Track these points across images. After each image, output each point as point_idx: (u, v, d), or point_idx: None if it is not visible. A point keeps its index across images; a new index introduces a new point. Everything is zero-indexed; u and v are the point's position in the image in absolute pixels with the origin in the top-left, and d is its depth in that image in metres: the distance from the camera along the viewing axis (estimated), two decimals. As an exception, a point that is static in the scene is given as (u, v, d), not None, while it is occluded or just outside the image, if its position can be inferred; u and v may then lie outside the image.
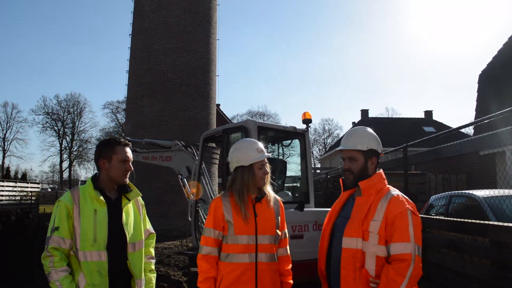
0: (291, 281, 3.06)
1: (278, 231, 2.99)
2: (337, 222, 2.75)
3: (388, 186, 2.68)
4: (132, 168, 2.91)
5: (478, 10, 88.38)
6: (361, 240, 2.50)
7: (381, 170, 2.75)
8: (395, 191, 2.62)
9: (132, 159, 2.93)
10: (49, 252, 2.59)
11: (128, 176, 2.89)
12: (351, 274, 2.50)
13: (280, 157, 7.15)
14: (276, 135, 6.69)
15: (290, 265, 3.10)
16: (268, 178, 2.98)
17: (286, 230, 3.12)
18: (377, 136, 2.80)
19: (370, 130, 2.83)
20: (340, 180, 2.88)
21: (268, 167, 2.98)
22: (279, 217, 3.03)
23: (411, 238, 2.41)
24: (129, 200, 2.90)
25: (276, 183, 6.34)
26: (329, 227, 2.80)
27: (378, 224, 2.48)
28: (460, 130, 5.54)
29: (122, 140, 2.91)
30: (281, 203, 3.10)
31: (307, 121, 6.10)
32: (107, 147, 2.87)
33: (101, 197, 2.75)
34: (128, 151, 2.91)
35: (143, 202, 3.08)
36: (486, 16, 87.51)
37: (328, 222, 2.82)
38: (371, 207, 2.55)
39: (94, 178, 2.87)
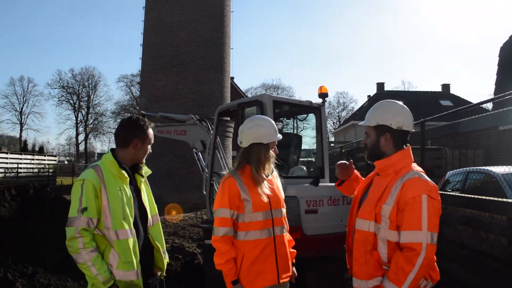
0: (294, 250, 3.14)
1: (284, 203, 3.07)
2: (362, 199, 2.66)
3: (412, 165, 2.50)
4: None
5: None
6: (374, 223, 2.41)
7: (408, 147, 2.57)
8: (415, 172, 2.43)
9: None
10: (79, 233, 2.54)
11: None
12: (362, 256, 2.45)
13: (296, 131, 7.10)
14: (292, 109, 6.63)
15: (289, 235, 3.15)
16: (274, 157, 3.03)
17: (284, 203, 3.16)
18: (401, 110, 2.58)
19: (392, 103, 2.63)
20: (365, 157, 2.77)
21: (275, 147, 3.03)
22: (282, 191, 3.11)
23: (423, 226, 2.26)
24: (143, 177, 2.94)
25: (292, 157, 6.32)
26: (356, 204, 2.71)
27: (389, 208, 2.36)
28: (479, 105, 5.41)
29: (149, 123, 2.92)
30: (279, 179, 3.18)
31: (323, 95, 6.01)
32: (141, 128, 2.86)
33: (126, 175, 2.76)
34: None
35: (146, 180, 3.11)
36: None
37: (355, 200, 2.74)
38: (387, 188, 2.43)
39: (115, 155, 2.83)
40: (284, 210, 3.03)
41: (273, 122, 3.06)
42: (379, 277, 2.40)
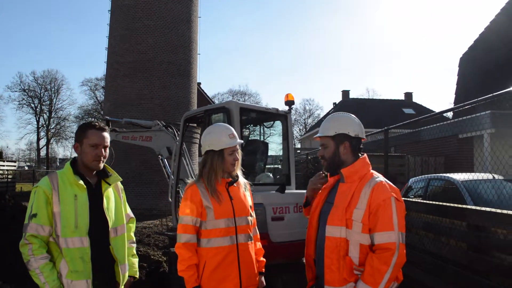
0: (263, 259, 3.14)
1: (251, 212, 3.06)
2: (324, 208, 2.71)
3: (371, 172, 2.62)
4: (105, 154, 2.80)
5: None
6: (345, 229, 2.47)
7: (365, 155, 2.69)
8: (378, 177, 2.56)
9: (107, 145, 2.82)
10: (27, 240, 2.53)
11: (101, 161, 2.79)
12: (335, 263, 2.48)
13: (262, 138, 7.12)
14: (258, 116, 6.64)
15: (260, 244, 3.17)
16: (239, 163, 3.01)
17: (253, 211, 3.15)
18: (354, 120, 2.72)
19: (345, 114, 2.77)
20: (323, 167, 2.85)
21: (239, 153, 3.00)
22: (250, 199, 3.10)
23: (395, 227, 2.38)
24: (109, 185, 2.85)
25: (258, 164, 6.33)
26: (316, 212, 2.76)
27: (361, 212, 2.44)
28: (441, 114, 5.59)
29: (97, 124, 2.81)
30: (249, 186, 3.17)
31: (289, 103, 6.06)
32: (80, 130, 2.79)
33: (81, 182, 2.68)
34: (104, 135, 2.80)
35: (122, 187, 3.03)
36: (469, 1, 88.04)
37: (316, 208, 2.78)
38: (354, 194, 2.51)
39: (73, 163, 2.79)
40: (250, 218, 3.02)
41: (230, 127, 3.05)
42: (352, 282, 2.44)
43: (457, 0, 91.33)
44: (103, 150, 2.78)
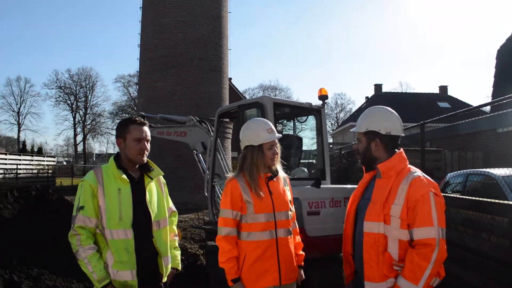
0: (303, 252, 3.17)
1: (291, 206, 3.07)
2: (361, 204, 2.71)
3: (409, 166, 2.59)
4: (148, 148, 2.89)
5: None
6: (383, 224, 2.45)
7: (401, 150, 2.66)
8: (416, 172, 2.53)
9: (149, 139, 2.90)
10: (75, 231, 2.64)
11: (145, 155, 2.88)
12: (374, 258, 2.48)
13: (295, 133, 7.13)
14: (292, 111, 6.65)
15: (299, 238, 3.19)
16: (278, 158, 3.03)
17: (293, 206, 3.17)
18: (389, 116, 2.66)
19: (380, 110, 2.72)
20: (359, 160, 2.85)
21: (278, 147, 3.02)
22: (289, 193, 3.12)
23: (434, 222, 2.35)
24: (152, 179, 2.93)
25: (293, 159, 6.34)
26: (353, 208, 2.77)
27: (399, 208, 2.42)
28: (479, 108, 5.46)
29: (138, 119, 2.89)
30: (288, 180, 3.18)
31: (323, 97, 6.04)
32: (122, 126, 2.87)
33: (124, 176, 2.77)
34: (145, 130, 2.89)
35: (164, 181, 3.11)
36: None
37: (352, 204, 2.79)
38: (392, 190, 2.49)
39: (117, 157, 2.88)
40: (290, 213, 3.04)
41: (268, 122, 3.07)
42: (392, 278, 2.43)
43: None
44: (146, 143, 2.86)
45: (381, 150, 2.63)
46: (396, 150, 2.65)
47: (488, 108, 22.02)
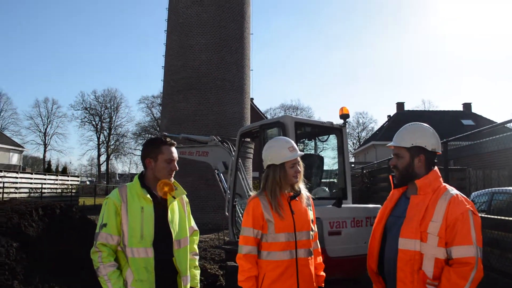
0: (323, 273, 3.13)
1: (312, 226, 3.04)
2: (389, 221, 2.68)
3: (444, 184, 2.57)
4: (177, 168, 2.94)
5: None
6: (419, 242, 2.42)
7: (436, 168, 2.63)
8: (453, 190, 2.51)
9: (177, 159, 2.95)
10: (97, 248, 2.68)
11: (173, 175, 2.92)
12: (408, 276, 2.44)
13: (316, 152, 7.13)
14: (313, 130, 6.67)
15: (321, 258, 3.15)
16: (301, 176, 3.01)
17: (315, 225, 3.14)
18: (432, 133, 2.65)
19: (424, 126, 2.69)
20: (390, 177, 2.82)
21: (301, 165, 3.00)
22: (312, 213, 3.08)
23: (473, 241, 2.33)
24: (174, 198, 2.94)
25: (314, 179, 6.33)
26: (380, 226, 2.73)
27: (438, 225, 2.39)
28: (504, 125, 5.37)
29: (168, 140, 2.93)
30: (311, 200, 3.15)
31: (344, 116, 6.05)
32: (153, 146, 2.90)
33: (148, 195, 2.80)
34: (174, 150, 2.94)
35: (187, 200, 3.13)
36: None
37: (380, 221, 2.75)
38: (429, 207, 2.46)
39: (141, 176, 2.92)
40: (311, 233, 3.01)
41: (290, 140, 3.07)
42: None
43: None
44: (175, 164, 2.92)
45: (422, 167, 2.60)
46: (432, 167, 2.62)
47: (514, 125, 21.58)
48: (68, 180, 28.74)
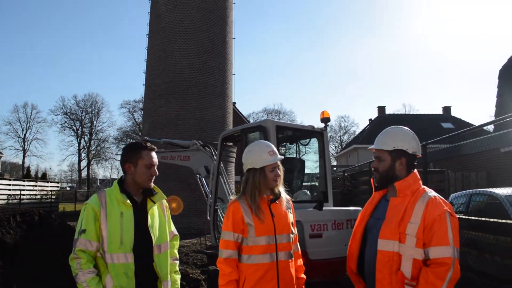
0: (304, 276, 3.14)
1: (293, 229, 3.06)
2: (370, 223, 2.72)
3: (423, 186, 2.62)
4: (157, 173, 2.92)
5: (498, 4, 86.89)
6: (398, 243, 2.46)
7: (415, 170, 2.68)
8: (431, 192, 2.56)
9: (157, 164, 2.93)
10: (76, 254, 2.64)
11: (153, 180, 2.90)
12: (387, 277, 2.47)
13: (298, 156, 7.16)
14: (295, 134, 6.70)
15: (301, 261, 3.17)
16: (281, 180, 3.03)
17: (295, 228, 3.16)
18: (413, 136, 2.70)
19: (404, 129, 2.74)
20: (371, 180, 2.86)
21: (281, 169, 3.02)
22: (292, 216, 3.10)
23: (450, 242, 2.37)
24: (154, 203, 2.93)
25: (295, 182, 6.35)
26: (361, 227, 2.77)
27: (416, 226, 2.43)
28: (482, 127, 5.47)
29: (148, 144, 2.92)
30: (291, 202, 3.17)
31: (325, 120, 6.09)
32: (133, 151, 2.89)
33: (127, 200, 2.78)
34: (154, 155, 2.92)
35: (167, 204, 3.11)
36: (507, 12, 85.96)
37: (360, 223, 2.79)
38: (407, 208, 2.50)
39: (120, 181, 2.90)
40: (292, 235, 3.02)
41: (270, 144, 3.09)
42: None
43: (496, 11, 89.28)
44: (155, 169, 2.90)
45: (403, 170, 2.64)
46: (412, 170, 2.67)
47: (491, 128, 22.03)
48: (47, 186, 28.29)
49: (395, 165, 2.64)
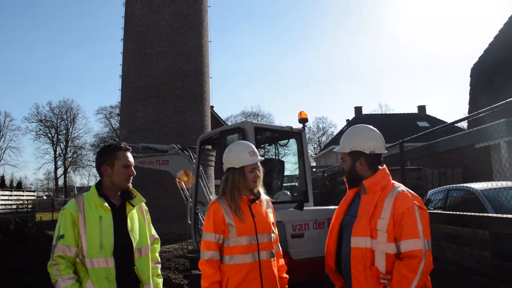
0: (286, 275, 3.16)
1: (273, 229, 3.07)
2: (345, 221, 2.77)
3: (392, 182, 2.67)
4: (135, 173, 2.91)
5: (470, 5, 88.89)
6: (370, 239, 2.50)
7: (384, 166, 2.73)
8: (400, 187, 2.61)
9: (134, 164, 2.92)
10: (54, 260, 2.60)
11: (131, 180, 2.89)
12: (361, 273, 2.51)
13: (277, 157, 7.18)
14: (273, 135, 6.72)
15: (283, 260, 3.19)
16: (260, 180, 3.05)
17: (276, 228, 3.18)
18: (371, 135, 2.74)
19: (362, 129, 2.80)
20: (344, 178, 2.91)
21: (260, 171, 3.04)
22: (272, 216, 3.12)
23: (420, 234, 2.42)
24: (133, 206, 2.91)
25: (275, 183, 6.37)
26: (336, 225, 2.82)
27: (386, 222, 2.48)
28: (455, 124, 5.59)
29: (123, 145, 2.91)
30: (271, 203, 3.20)
31: (303, 120, 6.14)
32: (108, 153, 2.87)
33: (106, 204, 2.75)
34: (130, 156, 2.92)
35: (147, 208, 3.09)
36: (478, 11, 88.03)
37: (336, 220, 2.84)
38: (377, 205, 2.55)
39: (98, 185, 2.87)
40: (272, 235, 3.04)
41: (251, 145, 3.10)
42: None
43: (469, 9, 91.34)
44: (132, 169, 2.89)
45: (365, 169, 2.70)
46: (379, 166, 2.72)
47: (465, 125, 22.50)
48: (23, 195, 27.64)
49: (355, 165, 2.72)
